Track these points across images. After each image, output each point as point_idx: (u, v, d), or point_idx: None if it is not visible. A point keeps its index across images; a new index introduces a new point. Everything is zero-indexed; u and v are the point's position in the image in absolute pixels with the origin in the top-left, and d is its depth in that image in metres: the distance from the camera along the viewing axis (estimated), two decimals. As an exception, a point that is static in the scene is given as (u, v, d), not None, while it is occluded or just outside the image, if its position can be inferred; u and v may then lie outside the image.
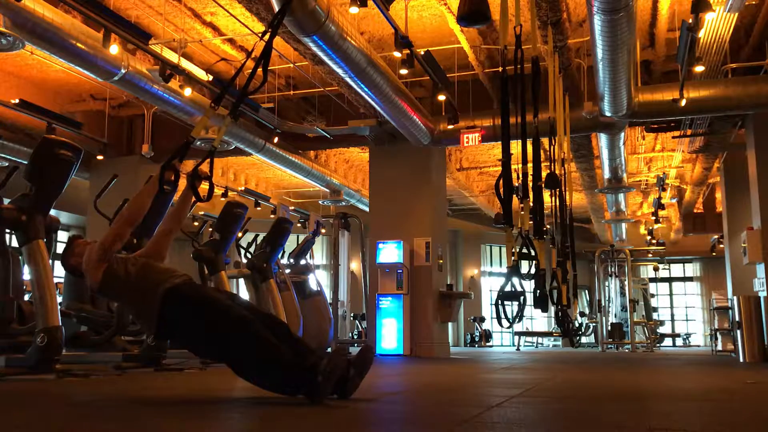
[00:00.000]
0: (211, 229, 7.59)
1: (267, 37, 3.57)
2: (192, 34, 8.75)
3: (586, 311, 20.93)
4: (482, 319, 19.54)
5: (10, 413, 2.77)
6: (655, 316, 18.59)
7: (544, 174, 6.31)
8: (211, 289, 3.61)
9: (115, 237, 3.38)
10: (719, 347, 11.37)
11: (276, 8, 5.73)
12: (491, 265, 21.66)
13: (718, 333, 11.44)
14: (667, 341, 20.03)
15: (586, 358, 10.01)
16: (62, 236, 15.27)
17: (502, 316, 5.18)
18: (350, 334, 14.28)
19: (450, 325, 12.63)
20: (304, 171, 11.97)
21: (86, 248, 3.49)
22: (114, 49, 7.14)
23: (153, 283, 3.29)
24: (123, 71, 7.82)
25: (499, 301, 5.20)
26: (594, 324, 19.01)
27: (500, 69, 5.12)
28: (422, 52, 7.54)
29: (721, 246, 14.25)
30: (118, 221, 3.51)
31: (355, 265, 15.85)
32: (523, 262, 5.29)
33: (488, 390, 4.23)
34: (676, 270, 22.50)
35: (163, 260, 3.57)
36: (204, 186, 3.45)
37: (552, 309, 7.11)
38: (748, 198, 9.90)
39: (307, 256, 10.85)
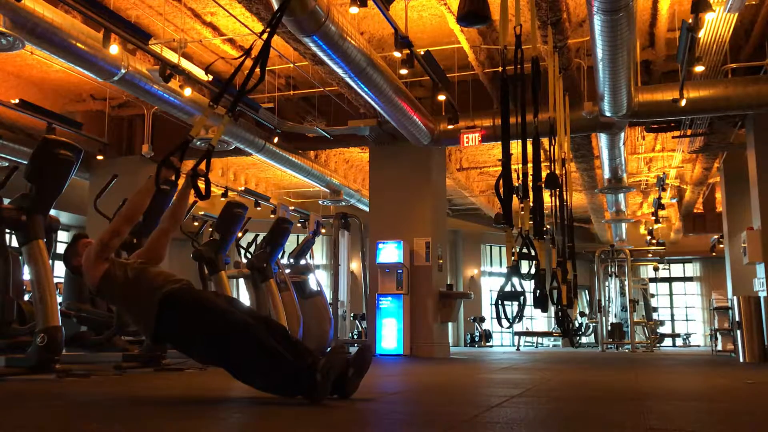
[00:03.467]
0: (211, 229, 7.59)
1: (265, 36, 3.57)
2: (192, 34, 8.75)
3: (586, 311, 20.93)
4: (482, 319, 19.53)
5: (11, 413, 2.76)
6: (655, 316, 18.58)
7: (544, 174, 6.31)
8: (210, 293, 3.60)
9: (113, 234, 3.38)
10: (719, 347, 11.36)
11: (275, 7, 5.73)
12: (491, 265, 21.66)
13: (718, 333, 11.43)
14: (667, 341, 20.03)
15: (586, 358, 10.01)
16: (62, 236, 15.27)
17: (502, 316, 5.19)
18: (350, 334, 14.27)
19: (450, 325, 12.63)
20: (304, 171, 11.98)
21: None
22: (114, 49, 7.15)
23: (151, 287, 3.29)
24: (123, 71, 7.82)
25: (499, 301, 5.20)
26: (594, 324, 19.01)
27: (500, 69, 5.12)
28: (422, 52, 7.54)
29: (721, 246, 14.25)
30: (117, 219, 3.51)
31: (355, 265, 15.85)
32: (523, 262, 5.29)
33: (488, 390, 4.23)
34: (676, 270, 22.49)
35: (161, 260, 3.57)
36: (201, 185, 3.46)
37: (552, 309, 7.12)
38: (748, 198, 9.90)
39: (307, 256, 10.85)
